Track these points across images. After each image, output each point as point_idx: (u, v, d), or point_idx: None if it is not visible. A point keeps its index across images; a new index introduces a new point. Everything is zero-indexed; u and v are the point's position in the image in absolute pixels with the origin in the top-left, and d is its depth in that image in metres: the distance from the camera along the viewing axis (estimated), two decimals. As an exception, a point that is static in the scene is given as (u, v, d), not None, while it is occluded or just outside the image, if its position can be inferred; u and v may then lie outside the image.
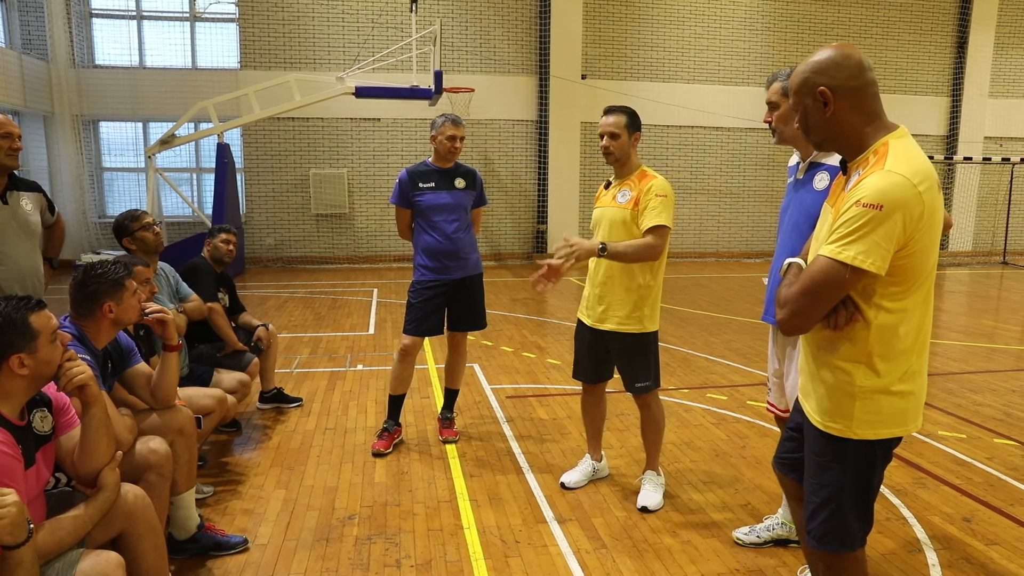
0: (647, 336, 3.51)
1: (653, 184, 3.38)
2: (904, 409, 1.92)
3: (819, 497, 2.00)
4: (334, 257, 13.95)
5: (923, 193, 1.75)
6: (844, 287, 1.80)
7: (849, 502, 1.96)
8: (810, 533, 2.04)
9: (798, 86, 1.92)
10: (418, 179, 4.26)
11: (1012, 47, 16.13)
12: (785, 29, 15.12)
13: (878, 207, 1.73)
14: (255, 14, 13.22)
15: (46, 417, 2.25)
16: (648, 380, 3.54)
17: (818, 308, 1.85)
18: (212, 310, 4.47)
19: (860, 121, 1.87)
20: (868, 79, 1.86)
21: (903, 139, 1.86)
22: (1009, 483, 3.89)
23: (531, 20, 14.16)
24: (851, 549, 2.00)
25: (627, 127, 3.42)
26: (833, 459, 1.96)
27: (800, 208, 2.76)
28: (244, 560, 3.05)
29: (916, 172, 1.76)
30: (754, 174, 15.34)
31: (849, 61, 1.85)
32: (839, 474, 1.96)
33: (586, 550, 3.15)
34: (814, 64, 1.88)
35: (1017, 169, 15.76)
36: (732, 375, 6.09)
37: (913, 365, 1.91)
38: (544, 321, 8.49)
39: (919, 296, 1.87)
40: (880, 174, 1.77)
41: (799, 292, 1.85)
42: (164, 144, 11.60)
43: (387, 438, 4.29)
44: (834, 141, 1.94)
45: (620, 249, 3.28)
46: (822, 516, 2.00)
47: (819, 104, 1.88)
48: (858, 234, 1.75)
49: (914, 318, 1.88)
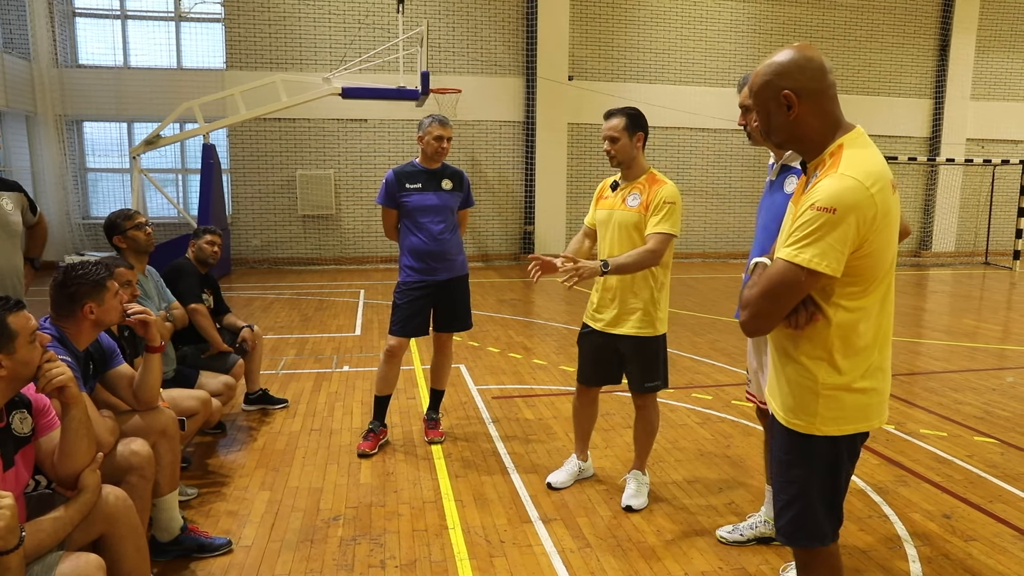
0: (659, 338, 3.54)
1: (662, 191, 3.40)
2: (867, 404, 1.94)
3: (787, 494, 2.02)
4: (320, 258, 13.90)
5: (875, 195, 1.78)
6: (801, 289, 1.83)
7: (817, 498, 1.98)
8: (779, 531, 2.06)
9: (760, 87, 1.91)
10: (405, 180, 4.25)
11: (993, 50, 16.33)
12: (770, 31, 15.22)
13: (831, 210, 1.75)
14: (241, 14, 13.16)
15: (25, 418, 2.23)
16: (658, 380, 3.57)
17: (778, 310, 1.87)
18: (196, 311, 4.45)
19: (820, 123, 1.89)
20: (829, 81, 1.88)
21: (857, 139, 1.88)
22: (989, 480, 3.94)
23: (518, 21, 14.18)
24: (822, 543, 2.02)
25: (626, 129, 3.42)
26: (799, 456, 1.98)
27: (771, 210, 2.81)
28: (228, 562, 3.04)
29: (868, 174, 1.78)
30: (739, 175, 15.44)
31: (812, 64, 1.85)
32: (805, 471, 1.98)
33: (571, 549, 3.16)
34: (777, 66, 1.87)
35: (999, 171, 15.95)
36: (717, 375, 6.12)
37: (875, 362, 1.94)
38: (531, 322, 8.50)
39: (877, 294, 1.90)
40: (833, 177, 1.79)
41: (759, 294, 1.88)
42: (149, 145, 11.51)
43: (373, 439, 4.29)
44: (795, 142, 1.95)
45: (622, 262, 3.30)
46: (790, 514, 2.01)
47: (782, 107, 1.88)
48: (813, 237, 1.77)
49: (873, 316, 1.91)
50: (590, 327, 3.64)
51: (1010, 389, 5.74)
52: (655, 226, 3.35)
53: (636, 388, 3.59)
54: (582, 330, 3.71)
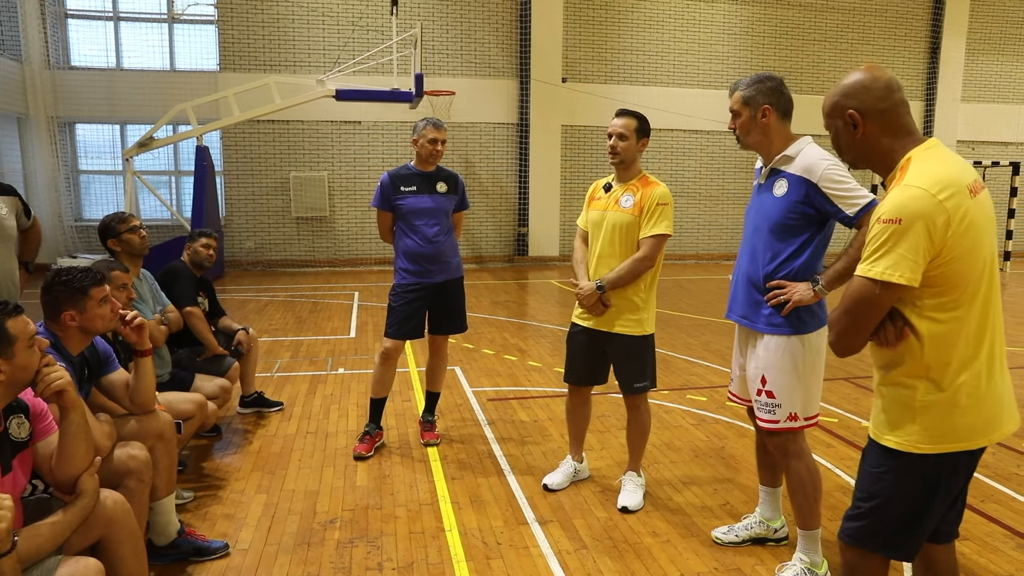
0: (647, 338, 3.57)
1: (656, 192, 3.47)
2: (971, 424, 1.87)
3: (867, 505, 1.97)
4: (315, 260, 13.88)
5: (944, 201, 1.77)
6: (880, 303, 1.82)
7: (905, 512, 1.93)
8: (844, 531, 2.02)
9: (829, 109, 1.99)
10: (400, 183, 4.27)
11: (983, 53, 16.46)
12: (763, 34, 15.30)
13: (897, 221, 1.77)
14: (234, 16, 13.13)
15: (23, 423, 2.23)
16: (646, 380, 3.59)
17: (860, 326, 1.87)
18: (191, 314, 4.45)
19: (889, 140, 1.92)
20: (896, 99, 1.92)
21: (929, 151, 1.88)
22: (981, 480, 3.97)
23: (512, 23, 14.20)
24: (888, 556, 1.97)
25: (637, 131, 3.53)
26: (888, 470, 1.93)
27: (761, 212, 2.86)
28: (225, 565, 3.04)
29: (935, 183, 1.79)
30: (733, 177, 15.51)
31: (877, 84, 1.92)
32: (892, 486, 1.92)
33: (567, 551, 3.18)
34: (844, 88, 1.96)
35: (989, 172, 16.05)
36: (711, 376, 6.15)
37: (981, 376, 1.87)
38: (526, 324, 8.52)
39: (973, 305, 1.85)
40: (898, 189, 1.82)
41: (841, 312, 1.89)
42: (142, 147, 11.47)
43: (368, 441, 4.29)
44: (866, 160, 1.99)
45: (614, 278, 3.44)
46: (863, 522, 1.97)
47: (849, 126, 1.95)
48: (883, 250, 1.79)
49: (971, 326, 1.85)
50: (579, 326, 3.68)
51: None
52: (650, 229, 3.41)
53: (625, 389, 3.62)
54: (571, 329, 3.74)
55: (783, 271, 2.79)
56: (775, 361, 2.83)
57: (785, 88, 2.87)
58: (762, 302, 2.84)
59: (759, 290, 2.86)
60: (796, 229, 2.76)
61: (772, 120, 2.81)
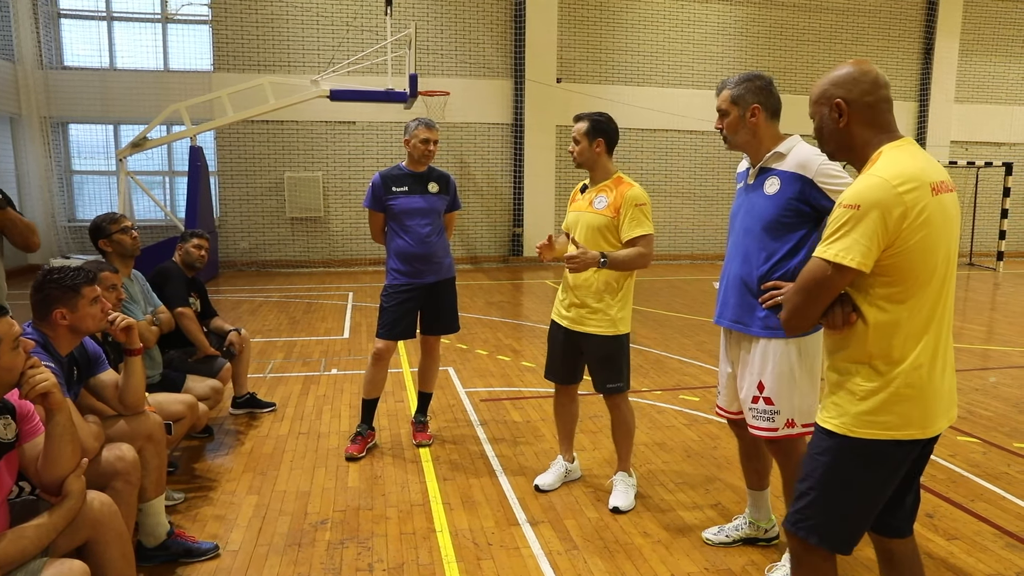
0: (620, 338, 3.56)
1: (630, 193, 3.46)
2: (906, 413, 1.91)
3: (804, 485, 2.02)
4: (309, 261, 13.86)
5: (903, 193, 1.82)
6: (831, 284, 1.88)
7: (837, 498, 1.97)
8: (786, 519, 2.06)
9: (817, 96, 2.04)
10: (391, 183, 4.26)
11: (976, 54, 16.51)
12: (757, 34, 15.33)
13: (856, 207, 1.83)
14: (228, 16, 13.10)
15: (9, 424, 2.22)
16: (619, 381, 3.58)
17: (810, 306, 1.93)
18: (183, 315, 4.44)
19: (869, 134, 1.98)
20: (882, 95, 1.98)
21: (900, 147, 1.94)
22: (970, 479, 3.99)
23: (506, 24, 14.20)
24: (819, 544, 1.99)
25: (586, 134, 3.52)
26: (823, 452, 1.98)
27: (751, 212, 2.80)
28: (215, 566, 3.03)
29: (897, 175, 1.84)
30: (727, 177, 15.52)
31: (866, 77, 1.98)
32: (828, 467, 1.96)
33: (558, 551, 3.18)
34: (834, 77, 2.01)
35: (982, 172, 16.13)
36: (704, 376, 6.16)
37: (923, 367, 1.91)
38: (519, 324, 8.52)
39: (922, 299, 1.89)
40: (862, 177, 1.89)
41: (793, 291, 1.98)
42: (136, 147, 11.44)
43: (360, 442, 4.28)
44: (845, 151, 2.04)
45: (619, 258, 3.39)
46: (800, 504, 2.01)
47: (834, 115, 1.99)
48: (840, 233, 1.85)
49: (917, 321, 1.89)
50: (557, 323, 3.70)
51: (992, 389, 5.81)
52: (634, 230, 3.42)
53: (599, 390, 3.63)
54: (551, 325, 3.76)
55: (779, 271, 2.70)
56: (772, 366, 2.76)
57: (774, 87, 2.82)
58: (757, 305, 2.74)
59: (753, 292, 2.76)
60: (790, 227, 2.70)
61: (761, 120, 2.77)
